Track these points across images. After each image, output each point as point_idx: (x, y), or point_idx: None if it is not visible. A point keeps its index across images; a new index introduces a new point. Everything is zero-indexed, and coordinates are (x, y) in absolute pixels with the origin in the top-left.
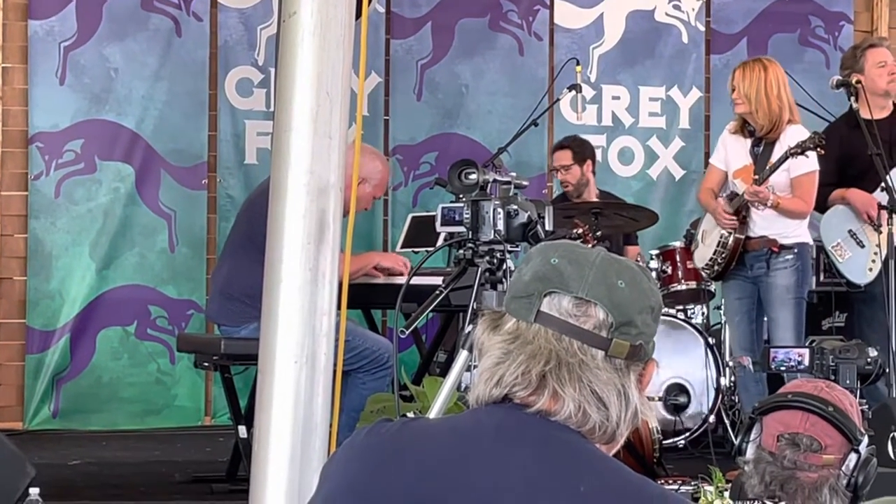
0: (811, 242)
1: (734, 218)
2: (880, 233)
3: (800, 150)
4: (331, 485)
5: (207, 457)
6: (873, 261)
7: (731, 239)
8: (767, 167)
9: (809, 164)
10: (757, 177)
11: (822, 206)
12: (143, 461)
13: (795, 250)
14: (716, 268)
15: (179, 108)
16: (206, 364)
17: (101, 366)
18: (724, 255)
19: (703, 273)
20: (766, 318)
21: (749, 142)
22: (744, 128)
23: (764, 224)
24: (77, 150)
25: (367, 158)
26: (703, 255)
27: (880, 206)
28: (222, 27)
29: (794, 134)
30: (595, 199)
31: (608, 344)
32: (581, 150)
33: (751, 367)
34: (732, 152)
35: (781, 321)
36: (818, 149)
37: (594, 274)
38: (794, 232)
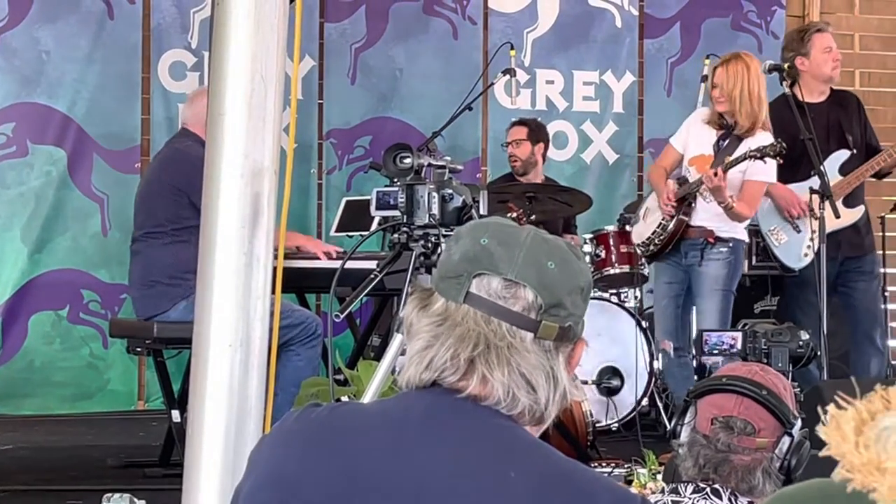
0: (746, 239)
1: (674, 206)
2: (816, 218)
3: (759, 154)
4: (259, 473)
5: (140, 441)
6: (809, 246)
7: (672, 222)
8: (725, 162)
9: (767, 173)
10: (721, 167)
11: None
12: (76, 446)
13: (730, 244)
14: (651, 247)
15: (112, 92)
16: (138, 349)
17: (34, 350)
18: (661, 238)
19: (637, 250)
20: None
21: (716, 133)
22: (717, 121)
23: (705, 215)
24: (8, 133)
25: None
26: (641, 231)
27: (812, 191)
28: (155, 10)
29: (761, 139)
30: (539, 182)
31: (537, 326)
32: (537, 131)
33: (671, 352)
34: (695, 138)
35: (707, 311)
36: (777, 157)
37: (524, 255)
38: (733, 227)
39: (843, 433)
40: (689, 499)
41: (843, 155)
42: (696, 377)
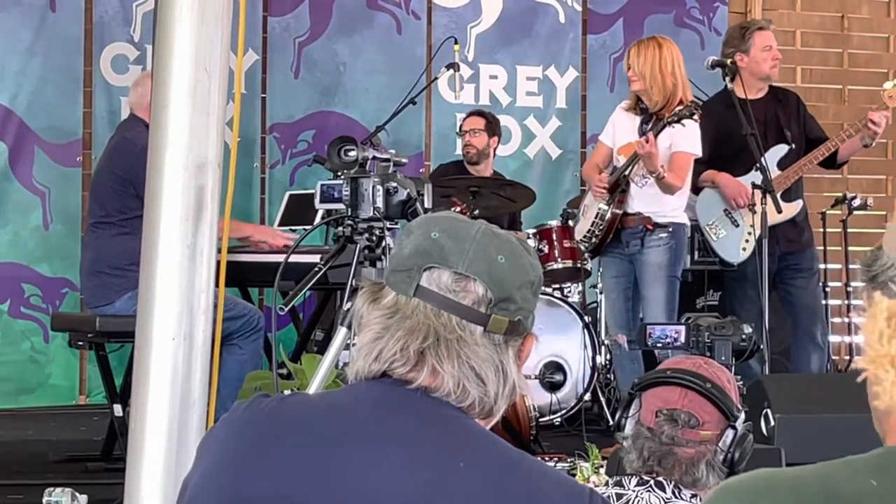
0: (687, 223)
1: (606, 189)
2: (755, 213)
3: (676, 117)
4: (208, 462)
5: (82, 436)
6: (747, 240)
7: (608, 213)
8: (649, 132)
9: (692, 145)
10: (650, 133)
11: (693, 185)
12: (17, 440)
13: (670, 229)
14: (593, 240)
15: (54, 85)
16: (80, 343)
17: None
18: (601, 228)
19: (581, 246)
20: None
21: (639, 119)
22: (637, 105)
23: (641, 201)
24: None
25: None
26: (581, 227)
27: (754, 186)
28: (97, 3)
29: None
30: (489, 175)
31: (487, 320)
32: (494, 124)
33: (625, 345)
34: (621, 129)
35: (653, 299)
36: (693, 116)
37: (474, 249)
38: (671, 212)
39: (875, 322)
40: (633, 491)
41: (781, 150)
42: (643, 369)
